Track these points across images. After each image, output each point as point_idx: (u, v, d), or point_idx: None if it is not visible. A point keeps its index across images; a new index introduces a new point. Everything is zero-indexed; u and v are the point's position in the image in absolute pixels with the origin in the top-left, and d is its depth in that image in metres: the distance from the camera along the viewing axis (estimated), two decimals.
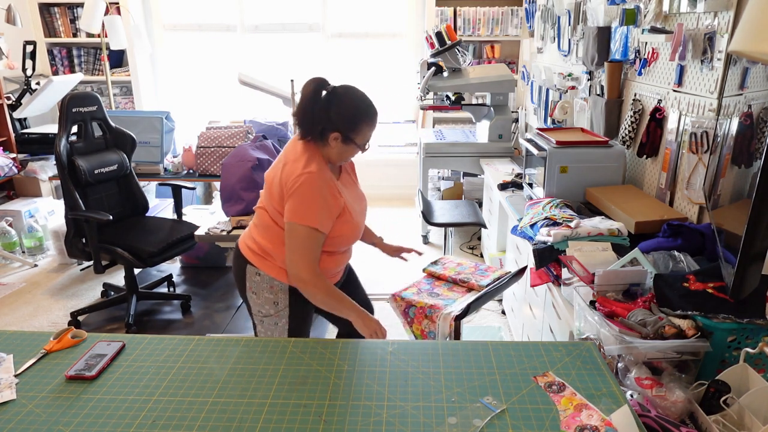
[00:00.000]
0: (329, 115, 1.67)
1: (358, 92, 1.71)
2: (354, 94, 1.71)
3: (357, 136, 1.70)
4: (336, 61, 5.40)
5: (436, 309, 1.82)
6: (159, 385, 1.30)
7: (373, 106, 1.72)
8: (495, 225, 3.51)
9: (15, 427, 1.16)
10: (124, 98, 5.36)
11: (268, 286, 1.83)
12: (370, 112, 1.71)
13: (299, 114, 1.70)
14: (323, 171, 1.70)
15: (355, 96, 1.70)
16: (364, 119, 1.69)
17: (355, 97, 1.70)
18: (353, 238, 1.84)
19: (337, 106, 1.67)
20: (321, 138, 1.70)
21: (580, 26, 3.15)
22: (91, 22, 4.39)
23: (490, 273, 2.08)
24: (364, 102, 1.70)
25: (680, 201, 2.16)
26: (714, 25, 1.90)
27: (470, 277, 2.03)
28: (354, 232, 1.81)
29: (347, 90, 1.71)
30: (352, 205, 1.79)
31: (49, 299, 3.60)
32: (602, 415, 1.15)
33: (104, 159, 3.26)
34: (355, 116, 1.68)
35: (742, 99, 1.78)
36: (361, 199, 1.90)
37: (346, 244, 1.84)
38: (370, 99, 1.72)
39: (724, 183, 1.72)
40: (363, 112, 1.69)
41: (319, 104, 1.68)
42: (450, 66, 4.02)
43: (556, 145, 2.48)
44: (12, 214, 4.28)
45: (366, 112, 1.70)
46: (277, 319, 1.87)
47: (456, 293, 1.98)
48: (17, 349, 1.45)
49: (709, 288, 1.51)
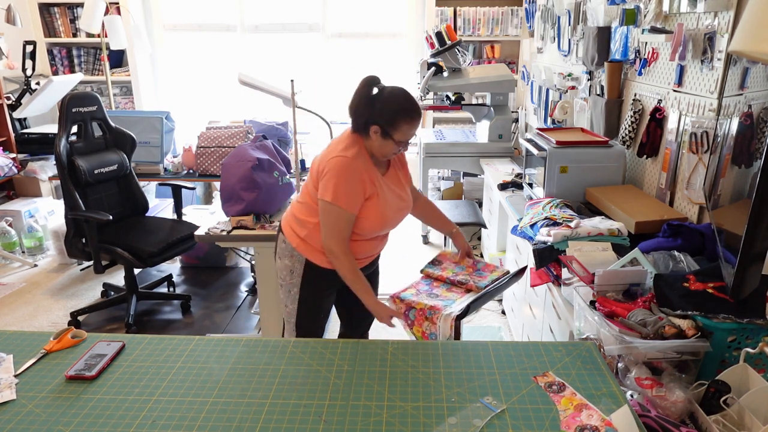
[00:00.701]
0: (373, 109, 1.80)
1: (405, 93, 1.82)
2: (400, 93, 1.81)
3: (395, 132, 1.79)
4: (336, 61, 5.40)
5: (436, 310, 1.82)
6: (159, 385, 1.30)
7: (417, 107, 1.80)
8: (495, 225, 3.51)
9: (15, 427, 1.16)
10: (124, 98, 5.35)
11: (289, 254, 1.99)
12: (411, 111, 1.79)
13: (351, 107, 1.86)
14: (358, 158, 1.81)
15: (400, 95, 1.81)
16: (404, 116, 1.77)
17: (400, 96, 1.80)
18: (378, 226, 1.90)
19: (382, 101, 1.79)
20: (364, 130, 1.83)
21: (580, 26, 3.15)
22: (91, 22, 4.39)
23: (488, 273, 2.07)
24: (408, 101, 1.79)
25: (680, 201, 2.16)
26: (714, 25, 1.90)
27: (468, 278, 2.02)
28: (379, 222, 1.88)
29: (394, 89, 1.82)
30: (385, 197, 1.88)
31: (49, 299, 3.60)
32: (602, 415, 1.15)
33: (104, 159, 3.26)
34: (397, 112, 1.77)
35: (742, 99, 1.78)
36: (401, 198, 1.96)
37: (370, 231, 1.90)
38: (415, 101, 1.81)
39: (724, 183, 1.72)
40: (404, 110, 1.78)
41: (367, 98, 1.81)
42: (450, 66, 4.02)
43: (556, 145, 2.48)
44: (12, 214, 4.29)
45: (407, 110, 1.78)
46: (290, 287, 2.02)
47: (455, 293, 1.98)
48: (17, 349, 1.45)
49: (709, 288, 1.51)
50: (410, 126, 1.80)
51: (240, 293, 3.65)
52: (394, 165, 2.00)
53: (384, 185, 1.90)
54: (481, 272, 2.07)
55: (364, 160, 1.84)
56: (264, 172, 2.65)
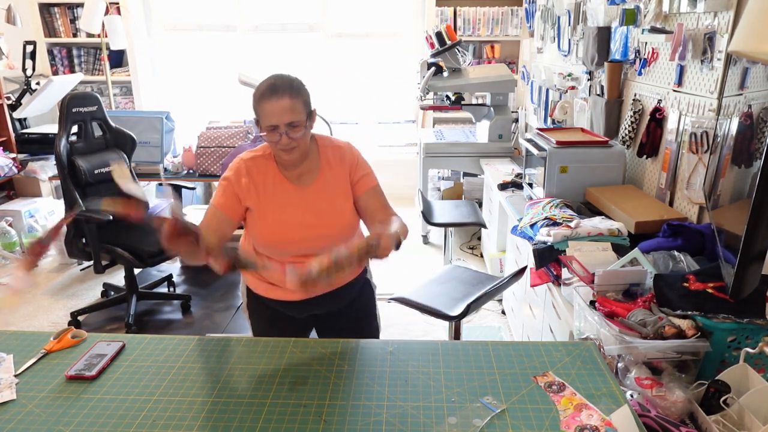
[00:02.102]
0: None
1: (273, 75, 1.54)
2: (268, 77, 1.54)
3: (261, 118, 1.51)
4: (336, 61, 5.40)
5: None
6: (159, 385, 1.30)
7: (275, 83, 1.49)
8: (495, 225, 3.51)
9: (15, 427, 1.16)
10: (124, 98, 5.35)
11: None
12: (265, 89, 1.49)
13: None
14: (255, 160, 1.60)
15: (266, 78, 1.54)
16: (260, 97, 1.49)
17: (265, 79, 1.53)
18: (275, 240, 1.61)
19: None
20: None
21: (580, 26, 3.15)
22: (91, 22, 4.39)
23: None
24: (266, 81, 1.51)
25: (680, 201, 2.16)
26: (714, 25, 1.90)
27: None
28: (273, 235, 1.60)
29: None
30: (273, 210, 1.59)
31: (49, 299, 3.60)
32: (602, 415, 1.15)
33: (104, 159, 3.25)
34: (255, 96, 1.52)
35: (742, 99, 1.78)
36: (308, 222, 1.60)
37: (268, 246, 1.63)
38: (277, 78, 1.51)
39: (724, 183, 1.72)
40: (259, 90, 1.51)
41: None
42: (450, 66, 4.02)
43: (556, 145, 2.48)
44: (12, 214, 4.28)
45: (261, 89, 1.50)
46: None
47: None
48: (17, 349, 1.45)
49: (709, 288, 1.51)
50: (268, 104, 1.47)
51: (240, 293, 3.64)
52: (330, 176, 1.63)
53: (282, 197, 1.60)
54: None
55: (264, 163, 1.60)
56: None
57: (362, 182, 1.67)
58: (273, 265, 1.55)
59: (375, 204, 1.67)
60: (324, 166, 1.64)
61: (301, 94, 1.51)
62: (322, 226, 1.61)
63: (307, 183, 1.63)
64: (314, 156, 1.64)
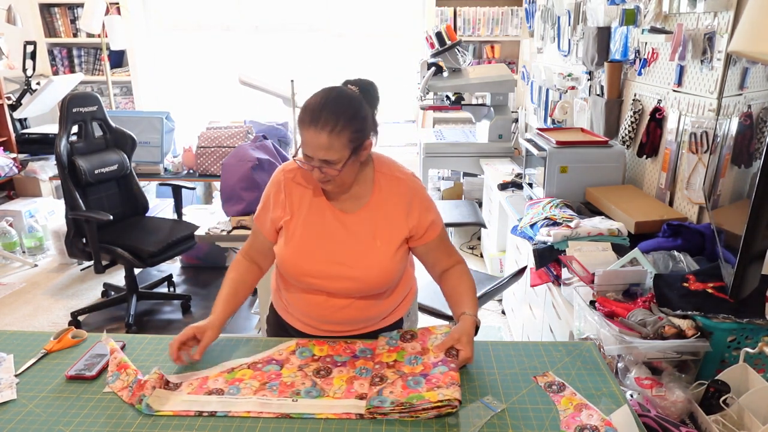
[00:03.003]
0: None
1: (313, 96, 1.36)
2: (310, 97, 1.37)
3: (303, 146, 1.34)
4: (336, 61, 5.40)
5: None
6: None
7: (312, 110, 1.31)
8: (495, 225, 3.51)
9: (15, 427, 1.16)
10: (124, 98, 5.35)
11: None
12: (309, 107, 1.32)
13: None
14: (297, 171, 1.46)
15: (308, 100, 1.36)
16: (301, 113, 1.34)
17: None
18: (293, 271, 1.43)
19: None
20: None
21: (580, 26, 3.15)
22: (91, 22, 4.39)
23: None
24: (305, 106, 1.34)
25: (680, 201, 2.16)
26: (714, 25, 1.91)
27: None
28: (292, 263, 1.43)
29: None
30: (301, 235, 1.42)
31: (49, 299, 3.60)
32: (602, 415, 1.15)
33: (104, 159, 3.26)
34: (301, 108, 1.36)
35: (741, 99, 1.79)
36: (343, 243, 1.41)
37: (288, 273, 1.46)
38: (314, 104, 1.32)
39: (724, 183, 1.72)
40: (304, 106, 1.34)
41: None
42: (450, 66, 4.01)
43: (556, 145, 2.48)
44: (12, 214, 4.28)
45: (305, 106, 1.34)
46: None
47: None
48: (17, 349, 1.45)
49: (709, 288, 1.51)
50: (306, 133, 1.30)
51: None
52: (378, 210, 1.42)
53: (317, 220, 1.42)
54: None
55: (306, 179, 1.45)
56: (264, 172, 2.65)
57: (429, 231, 1.46)
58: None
59: (438, 254, 1.50)
60: (376, 194, 1.43)
61: (347, 130, 1.30)
62: (351, 266, 1.40)
63: (350, 210, 1.43)
64: (367, 181, 1.44)
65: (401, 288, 1.53)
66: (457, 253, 1.54)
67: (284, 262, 1.44)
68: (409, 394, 1.18)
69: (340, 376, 1.30)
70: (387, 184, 1.45)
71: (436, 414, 1.15)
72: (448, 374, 1.22)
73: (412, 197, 1.45)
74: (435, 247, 1.49)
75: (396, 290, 1.51)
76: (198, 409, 1.20)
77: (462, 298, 1.44)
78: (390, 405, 1.16)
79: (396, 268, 1.43)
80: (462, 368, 1.32)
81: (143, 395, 1.20)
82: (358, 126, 1.33)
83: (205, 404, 1.21)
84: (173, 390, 1.26)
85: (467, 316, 1.37)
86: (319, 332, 1.50)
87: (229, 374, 1.32)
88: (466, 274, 1.50)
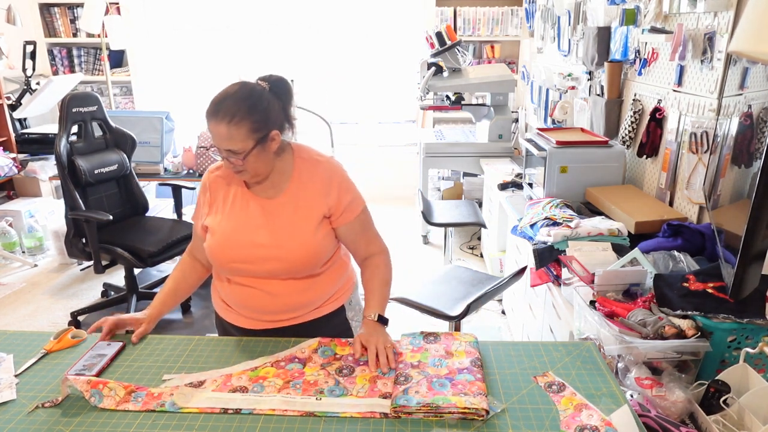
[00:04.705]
0: None
1: (224, 89, 1.40)
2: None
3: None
4: (336, 61, 5.40)
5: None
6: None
7: (220, 99, 1.36)
8: (495, 225, 3.51)
9: (15, 427, 1.16)
10: (124, 98, 5.36)
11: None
12: (213, 100, 1.38)
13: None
14: (220, 169, 1.54)
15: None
16: (208, 106, 1.39)
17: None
18: (220, 259, 1.48)
19: None
20: None
21: (580, 26, 3.15)
22: (91, 22, 4.39)
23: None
24: (220, 92, 1.39)
25: (680, 201, 2.16)
26: (714, 25, 1.91)
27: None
28: (218, 252, 1.47)
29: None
30: (227, 222, 1.48)
31: (49, 299, 3.60)
32: (602, 415, 1.15)
33: (104, 159, 3.26)
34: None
35: (742, 99, 1.79)
36: (265, 227, 1.46)
37: (216, 263, 1.50)
38: (219, 96, 1.37)
39: (724, 183, 1.72)
40: (211, 100, 1.39)
41: None
42: (450, 66, 4.02)
43: (556, 145, 2.48)
44: (12, 214, 4.28)
45: (211, 99, 1.39)
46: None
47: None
48: (17, 349, 1.45)
49: (709, 288, 1.51)
50: (210, 124, 1.36)
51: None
52: (299, 192, 1.47)
53: (240, 210, 1.48)
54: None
55: (229, 174, 1.49)
56: None
57: (347, 212, 1.51)
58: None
59: (359, 240, 1.55)
60: (295, 180, 1.48)
61: (245, 121, 1.34)
62: (275, 247, 1.44)
63: (272, 196, 1.48)
64: (287, 167, 1.49)
65: (334, 273, 1.57)
66: (379, 241, 1.60)
67: (211, 253, 1.49)
68: (435, 395, 1.19)
69: (363, 375, 1.31)
70: (306, 168, 1.51)
71: (461, 417, 1.16)
72: (474, 383, 1.24)
73: (330, 177, 1.50)
74: (355, 231, 1.54)
75: (328, 274, 1.55)
76: (223, 406, 1.21)
77: (371, 295, 1.53)
78: (416, 405, 1.17)
79: (319, 244, 1.48)
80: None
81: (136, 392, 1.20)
82: (257, 117, 1.37)
83: (230, 402, 1.23)
84: (197, 387, 1.27)
85: (368, 321, 1.46)
86: (261, 324, 1.53)
87: (252, 372, 1.33)
88: (382, 266, 1.57)
